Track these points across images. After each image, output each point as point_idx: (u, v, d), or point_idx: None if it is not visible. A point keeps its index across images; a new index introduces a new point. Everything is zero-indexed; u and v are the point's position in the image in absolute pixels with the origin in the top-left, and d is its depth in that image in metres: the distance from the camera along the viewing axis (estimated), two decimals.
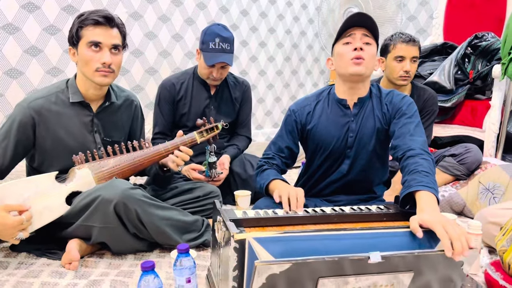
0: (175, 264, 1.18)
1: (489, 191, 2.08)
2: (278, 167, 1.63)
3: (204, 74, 2.20)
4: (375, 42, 1.53)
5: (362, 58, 1.48)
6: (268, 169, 1.60)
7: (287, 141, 1.65)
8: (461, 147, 2.24)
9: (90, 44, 1.51)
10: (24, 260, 1.53)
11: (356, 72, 1.50)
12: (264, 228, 1.16)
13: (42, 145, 1.57)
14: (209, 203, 1.79)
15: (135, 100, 1.82)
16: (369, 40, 1.51)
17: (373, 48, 1.52)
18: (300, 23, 4.05)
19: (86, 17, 1.52)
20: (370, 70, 1.53)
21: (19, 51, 2.46)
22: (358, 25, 1.51)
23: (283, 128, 1.67)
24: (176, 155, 1.66)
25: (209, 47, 2.10)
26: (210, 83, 2.24)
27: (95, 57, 1.52)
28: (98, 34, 1.52)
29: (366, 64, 1.49)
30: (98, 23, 1.51)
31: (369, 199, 1.68)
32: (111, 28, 1.54)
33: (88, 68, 1.54)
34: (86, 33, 1.52)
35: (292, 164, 1.71)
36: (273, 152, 1.66)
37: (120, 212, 1.45)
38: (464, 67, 2.71)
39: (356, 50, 1.48)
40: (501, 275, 1.31)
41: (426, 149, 1.38)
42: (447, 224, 1.03)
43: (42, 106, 1.55)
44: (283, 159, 1.65)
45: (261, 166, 1.63)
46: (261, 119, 3.87)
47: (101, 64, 1.53)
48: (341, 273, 0.93)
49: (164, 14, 3.10)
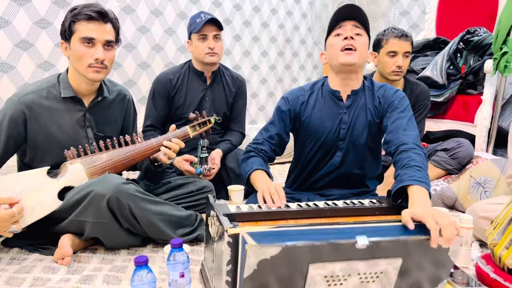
0: (169, 259, 1.18)
1: (481, 185, 2.10)
2: (266, 153, 1.63)
3: (200, 55, 2.16)
4: (366, 33, 1.53)
5: (353, 47, 1.49)
6: (254, 156, 1.59)
7: (279, 128, 1.65)
8: (453, 142, 2.26)
9: (83, 39, 1.50)
10: (16, 255, 1.53)
11: (347, 62, 1.50)
12: (258, 222, 1.17)
13: (34, 140, 1.56)
14: (203, 198, 1.79)
15: (128, 94, 1.81)
16: (359, 31, 1.51)
17: (364, 39, 1.52)
18: (293, 18, 4.04)
19: (79, 12, 1.50)
20: (362, 60, 1.53)
21: (9, 45, 2.43)
22: (348, 18, 1.51)
23: (276, 115, 1.67)
24: (167, 147, 1.65)
25: (197, 22, 2.13)
26: (208, 61, 2.17)
27: (88, 52, 1.51)
28: (91, 30, 1.50)
29: (357, 54, 1.49)
30: (92, 18, 1.49)
31: (362, 193, 1.69)
32: (104, 24, 1.53)
33: (80, 64, 1.52)
34: (79, 28, 1.50)
35: (281, 152, 1.70)
36: (263, 137, 1.66)
37: (113, 207, 1.45)
38: (456, 62, 2.73)
39: (347, 39, 1.49)
40: (491, 268, 1.33)
41: (419, 143, 1.39)
42: (438, 215, 1.03)
43: (33, 101, 1.53)
44: (272, 146, 1.65)
45: (248, 151, 1.63)
46: (254, 114, 3.87)
47: (94, 60, 1.51)
48: (330, 258, 0.94)
49: (156, 8, 3.08)
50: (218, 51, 2.17)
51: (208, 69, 2.23)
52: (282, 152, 1.71)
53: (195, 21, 2.14)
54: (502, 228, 1.31)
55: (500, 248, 1.30)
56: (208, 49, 2.13)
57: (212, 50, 2.14)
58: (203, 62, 2.18)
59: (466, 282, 1.24)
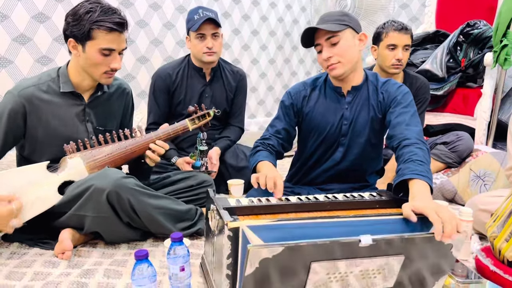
0: (169, 253, 1.18)
1: (480, 178, 2.10)
2: (274, 147, 1.63)
3: (198, 53, 2.13)
4: (344, 28, 1.49)
5: (334, 63, 1.51)
6: (261, 150, 1.60)
7: (284, 123, 1.66)
8: (452, 135, 2.26)
9: (103, 50, 1.50)
10: (16, 250, 1.53)
11: (335, 75, 1.54)
12: (258, 216, 1.17)
13: (33, 134, 1.55)
14: (202, 192, 1.78)
15: (127, 88, 1.80)
16: (335, 39, 1.49)
17: (344, 42, 1.49)
18: (292, 11, 4.03)
19: (101, 19, 1.46)
20: (350, 63, 1.52)
21: (7, 39, 2.42)
22: (319, 35, 1.52)
23: (280, 110, 1.68)
24: (152, 150, 1.63)
25: (194, 19, 2.08)
26: (206, 59, 2.14)
27: (105, 61, 1.52)
28: (112, 41, 1.50)
29: (341, 65, 1.51)
30: (113, 30, 1.49)
31: (361, 188, 1.69)
32: (123, 34, 1.53)
33: (96, 70, 1.54)
34: (99, 36, 1.48)
35: (290, 147, 1.71)
36: (270, 133, 1.66)
37: (113, 201, 1.45)
38: (456, 55, 2.72)
39: (326, 60, 1.51)
40: (491, 260, 1.33)
41: (422, 138, 1.39)
42: (439, 209, 1.04)
43: (33, 95, 1.53)
44: (279, 140, 1.65)
45: (255, 147, 1.64)
46: (253, 108, 3.86)
47: (110, 68, 1.53)
48: (333, 257, 0.94)
49: (155, 1, 3.07)
50: (216, 50, 2.14)
51: (207, 66, 2.21)
52: (290, 146, 1.71)
53: (192, 18, 2.10)
54: (502, 221, 1.31)
55: (500, 241, 1.30)
56: (206, 49, 2.10)
57: (210, 50, 2.11)
58: (202, 61, 2.16)
59: (466, 275, 1.24)
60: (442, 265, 1.06)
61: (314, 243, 0.90)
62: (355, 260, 0.96)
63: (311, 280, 0.96)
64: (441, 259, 1.04)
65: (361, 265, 0.97)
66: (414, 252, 1.00)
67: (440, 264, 1.05)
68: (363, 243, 0.93)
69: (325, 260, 0.94)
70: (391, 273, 1.02)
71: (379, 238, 0.94)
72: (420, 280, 1.07)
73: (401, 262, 1.00)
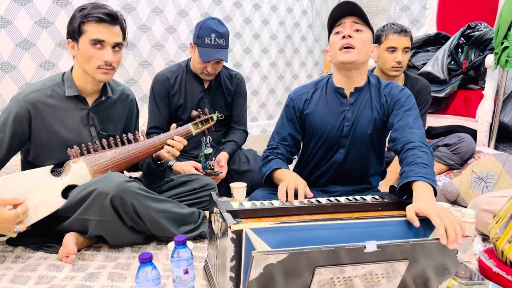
0: (173, 256, 1.18)
1: (482, 180, 2.10)
2: (283, 155, 1.65)
3: (198, 69, 2.17)
4: (367, 28, 1.53)
5: (352, 45, 1.48)
6: (273, 159, 1.61)
7: (289, 128, 1.67)
8: (454, 137, 2.26)
9: (93, 41, 1.50)
10: (21, 254, 1.53)
11: (345, 60, 1.50)
12: (261, 219, 1.17)
13: (38, 138, 1.56)
14: (205, 195, 1.79)
15: (131, 94, 1.82)
16: (360, 27, 1.50)
17: (365, 35, 1.51)
18: (293, 15, 4.04)
19: (89, 13, 1.49)
20: (363, 57, 1.53)
21: (11, 44, 2.44)
22: (346, 14, 1.51)
23: (284, 116, 1.69)
24: (170, 145, 1.65)
25: (205, 42, 2.07)
26: (203, 77, 2.21)
27: (97, 54, 1.52)
28: (102, 32, 1.51)
29: (356, 52, 1.49)
30: (102, 20, 1.50)
31: (364, 190, 1.70)
32: (113, 26, 1.53)
33: (89, 65, 1.54)
34: (89, 29, 1.50)
35: (297, 151, 1.72)
36: (276, 141, 1.67)
37: (116, 205, 1.45)
38: (457, 57, 2.73)
39: (345, 38, 1.49)
40: (494, 262, 1.33)
41: (425, 141, 1.39)
42: (442, 212, 1.04)
43: (38, 100, 1.54)
44: (287, 147, 1.67)
45: (266, 156, 1.65)
46: (255, 111, 3.87)
47: (103, 62, 1.53)
48: (337, 262, 0.94)
49: (157, 6, 3.08)
50: (216, 72, 2.20)
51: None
52: (298, 150, 1.72)
53: (203, 38, 2.07)
54: (505, 222, 1.31)
55: (502, 242, 1.30)
56: (206, 71, 2.15)
57: (210, 75, 2.18)
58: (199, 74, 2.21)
59: (469, 277, 1.24)
60: (447, 269, 1.06)
61: (318, 249, 0.91)
62: (359, 265, 0.97)
63: (315, 284, 0.96)
64: (446, 263, 1.05)
65: (365, 269, 0.98)
66: (418, 257, 1.00)
67: (444, 268, 1.06)
68: (367, 250, 0.94)
69: (330, 266, 0.94)
70: (395, 277, 1.02)
71: (383, 244, 0.95)
72: (424, 282, 1.07)
73: (406, 266, 1.00)
